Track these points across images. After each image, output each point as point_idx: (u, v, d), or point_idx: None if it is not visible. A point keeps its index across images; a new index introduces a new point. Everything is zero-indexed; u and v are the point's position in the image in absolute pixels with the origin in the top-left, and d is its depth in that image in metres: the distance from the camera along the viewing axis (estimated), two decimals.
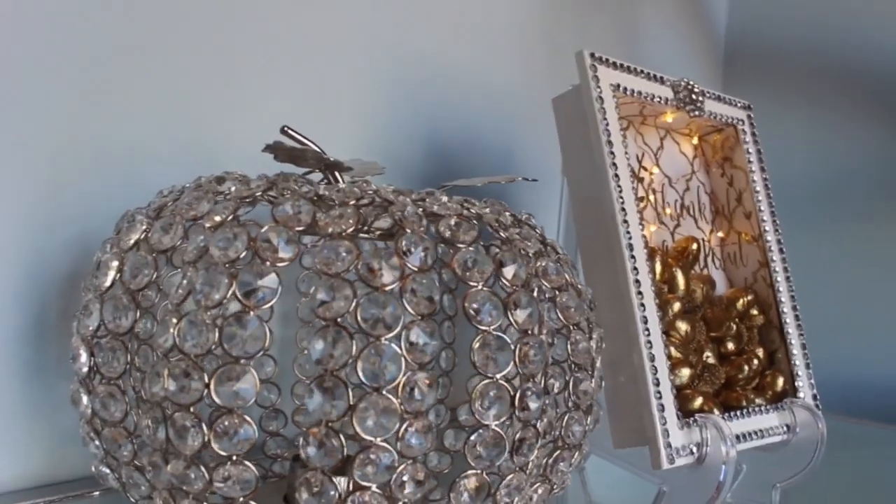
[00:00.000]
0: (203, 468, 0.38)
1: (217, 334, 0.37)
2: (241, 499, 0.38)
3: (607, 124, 0.55)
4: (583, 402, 0.45)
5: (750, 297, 0.63)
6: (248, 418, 0.38)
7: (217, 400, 0.37)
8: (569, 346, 0.45)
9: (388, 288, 0.38)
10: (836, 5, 0.98)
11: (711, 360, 0.60)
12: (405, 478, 0.38)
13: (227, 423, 0.37)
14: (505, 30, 0.81)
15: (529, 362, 0.40)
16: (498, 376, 0.39)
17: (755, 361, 0.62)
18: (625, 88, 0.58)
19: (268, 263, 0.38)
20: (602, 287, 0.55)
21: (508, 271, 0.41)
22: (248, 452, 0.38)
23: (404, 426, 0.37)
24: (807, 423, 0.59)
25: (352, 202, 0.42)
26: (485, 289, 0.40)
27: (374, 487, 0.38)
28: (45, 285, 0.53)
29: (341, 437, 0.37)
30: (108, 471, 0.43)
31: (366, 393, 0.37)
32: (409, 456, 0.38)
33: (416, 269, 0.39)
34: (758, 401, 0.61)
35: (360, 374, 0.37)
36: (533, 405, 0.40)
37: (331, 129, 0.69)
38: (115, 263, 0.42)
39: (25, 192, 0.52)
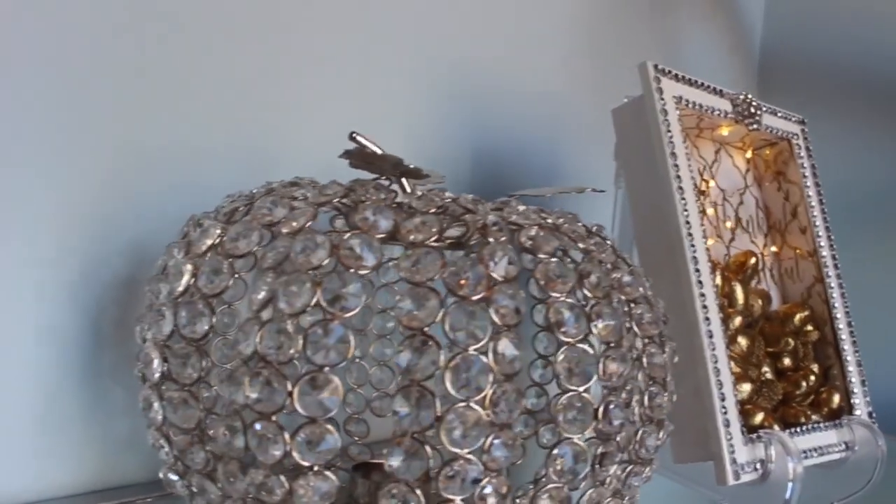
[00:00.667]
0: (283, 478, 0.37)
1: (301, 342, 0.36)
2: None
3: (671, 136, 0.55)
4: (656, 415, 0.44)
5: (806, 313, 0.63)
6: (331, 428, 0.37)
7: (301, 409, 0.36)
8: (644, 360, 0.44)
9: (474, 298, 0.37)
10: (872, 13, 0.98)
11: (769, 376, 0.60)
12: (488, 490, 0.37)
13: (309, 432, 0.36)
14: (551, 40, 0.80)
15: (613, 375, 0.40)
16: (581, 389, 0.39)
17: (811, 377, 0.61)
18: (686, 101, 0.57)
19: (352, 270, 0.37)
20: (664, 300, 0.54)
21: (591, 282, 0.41)
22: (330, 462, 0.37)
23: (490, 438, 0.37)
24: (865, 441, 0.58)
25: (432, 210, 0.41)
26: (568, 300, 0.39)
27: (458, 500, 0.37)
28: (101, 291, 0.52)
29: (427, 448, 0.36)
30: (176, 478, 0.42)
31: (453, 404, 0.36)
32: (493, 469, 0.37)
33: (501, 279, 0.38)
34: (814, 417, 0.60)
35: (448, 384, 0.36)
36: (616, 419, 0.40)
37: (381, 135, 0.68)
38: (190, 268, 0.41)
39: (81, 198, 0.52)
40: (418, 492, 0.37)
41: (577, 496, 0.40)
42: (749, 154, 0.67)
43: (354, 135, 0.48)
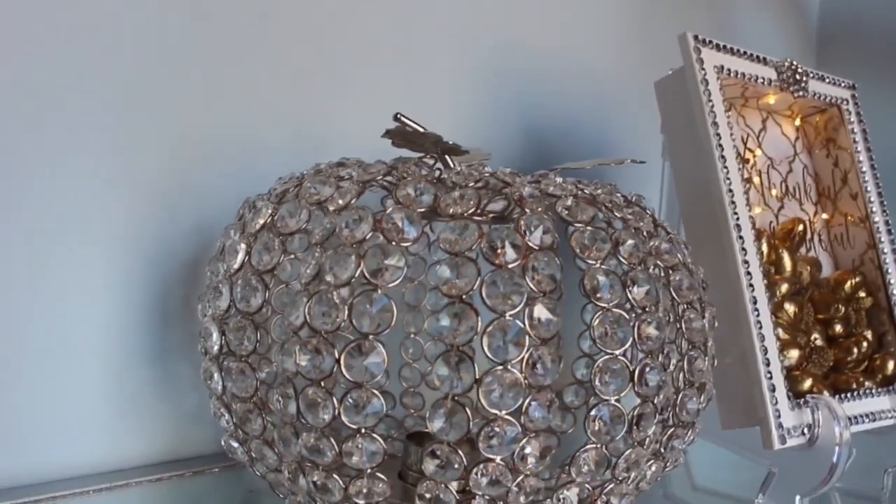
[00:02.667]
0: (333, 440, 0.39)
1: (347, 312, 0.38)
2: (369, 470, 0.40)
3: (712, 106, 0.55)
4: (697, 379, 0.45)
5: (857, 279, 0.62)
6: (376, 392, 0.39)
7: (347, 375, 0.38)
8: (683, 325, 0.45)
9: (510, 266, 0.39)
10: None
11: (819, 343, 0.60)
12: (528, 450, 0.39)
13: (356, 396, 0.39)
14: (601, 14, 0.81)
15: (648, 338, 0.41)
16: (618, 352, 0.40)
17: (864, 344, 0.61)
18: (728, 70, 0.57)
19: (393, 243, 0.39)
20: (709, 268, 0.55)
21: (626, 249, 0.42)
22: (377, 425, 0.39)
23: (528, 400, 0.38)
24: None
25: (471, 184, 0.43)
26: (603, 266, 0.41)
27: (497, 459, 0.39)
28: (168, 273, 0.56)
29: (467, 410, 0.38)
30: (237, 445, 0.45)
31: (491, 367, 0.38)
32: (532, 429, 0.39)
33: (536, 248, 0.39)
34: (867, 384, 0.60)
35: (486, 349, 0.38)
36: (652, 381, 0.41)
37: (429, 117, 0.70)
38: (243, 246, 0.44)
39: (148, 184, 0.55)
40: (461, 452, 0.39)
41: (619, 456, 0.41)
42: (798, 122, 0.67)
43: (399, 115, 0.50)
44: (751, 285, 0.52)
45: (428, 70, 0.69)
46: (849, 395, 0.57)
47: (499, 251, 0.39)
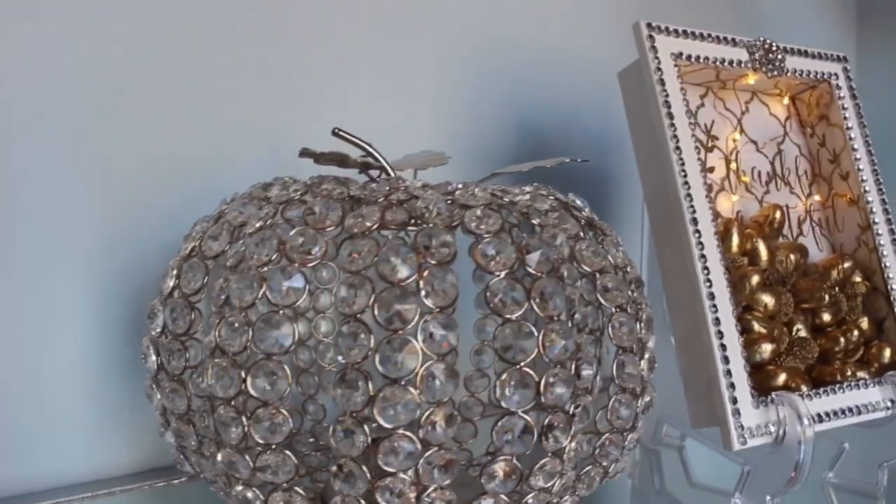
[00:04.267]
0: (248, 456, 0.41)
1: (251, 334, 0.40)
2: (285, 484, 0.41)
3: (667, 95, 0.53)
4: (628, 384, 0.45)
5: (848, 264, 0.59)
6: (283, 410, 0.40)
7: (253, 393, 0.40)
8: (611, 329, 0.44)
9: (404, 282, 0.39)
10: None
11: (803, 334, 0.57)
12: (430, 464, 0.39)
13: (262, 414, 0.40)
14: (596, 5, 0.79)
15: (554, 349, 0.40)
16: (522, 364, 0.40)
17: (855, 333, 0.58)
18: (689, 56, 0.55)
19: (296, 265, 0.40)
20: (672, 264, 0.54)
21: (532, 258, 0.41)
22: (288, 440, 0.41)
23: (426, 414, 0.39)
24: None
25: (380, 199, 0.43)
26: (507, 278, 0.40)
27: (401, 474, 0.39)
28: (145, 286, 0.58)
29: (365, 427, 0.39)
30: (183, 458, 0.47)
31: (385, 384, 0.38)
32: (433, 443, 0.39)
33: (433, 263, 0.40)
34: (861, 374, 0.57)
35: (378, 366, 0.38)
36: (560, 391, 0.40)
37: (418, 116, 0.70)
38: (175, 271, 0.46)
39: (124, 197, 0.57)
40: (364, 468, 0.40)
41: (533, 467, 0.41)
42: (786, 101, 0.64)
43: (337, 130, 0.51)
44: (708, 280, 0.51)
45: (410, 72, 0.69)
46: (834, 388, 0.54)
47: (393, 268, 0.39)
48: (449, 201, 0.43)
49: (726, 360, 0.50)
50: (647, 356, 0.46)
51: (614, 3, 0.80)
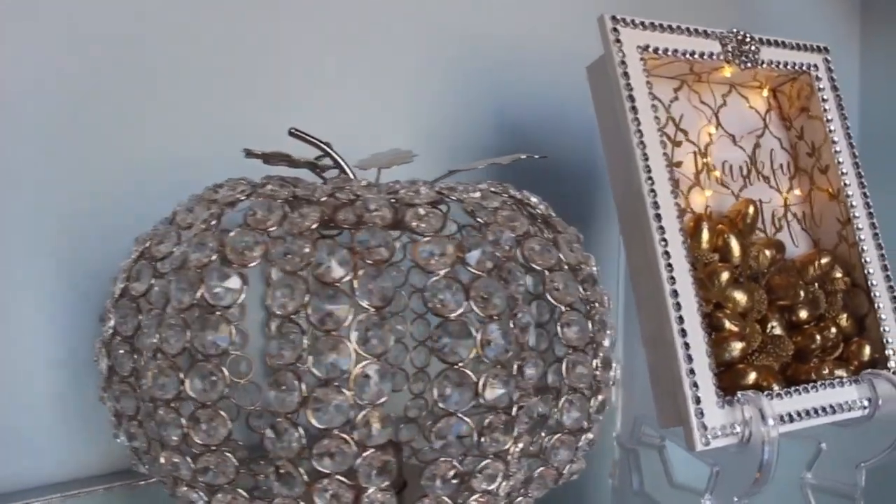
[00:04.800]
0: (189, 458, 0.41)
1: (189, 335, 0.40)
2: (227, 485, 0.41)
3: (632, 90, 0.52)
4: (578, 384, 0.44)
5: (826, 260, 0.58)
6: (222, 412, 0.40)
7: (192, 395, 0.40)
8: (560, 329, 0.43)
9: (338, 283, 0.39)
10: None
11: (778, 331, 0.56)
12: (366, 465, 0.39)
13: (202, 416, 0.40)
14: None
15: (493, 349, 0.40)
16: (460, 364, 0.39)
17: (833, 330, 0.56)
18: (656, 49, 0.54)
19: (234, 266, 0.40)
20: (638, 261, 0.53)
21: (472, 257, 0.41)
22: (227, 442, 0.40)
23: (361, 415, 0.38)
24: (890, 397, 0.53)
25: (323, 199, 0.43)
26: (444, 277, 0.40)
27: (337, 476, 0.39)
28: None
29: (300, 428, 0.39)
30: (137, 459, 0.47)
31: (318, 385, 0.38)
32: (368, 444, 0.39)
33: (369, 263, 0.39)
34: (839, 372, 0.55)
35: (312, 367, 0.38)
36: (499, 391, 0.40)
37: (401, 115, 0.70)
38: (125, 273, 0.46)
39: (101, 200, 0.57)
40: (301, 469, 0.39)
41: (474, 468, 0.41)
42: (766, 93, 0.62)
43: (293, 130, 0.50)
44: (672, 278, 0.50)
45: (390, 70, 0.69)
46: (809, 386, 0.53)
47: (327, 268, 0.39)
48: (393, 200, 0.43)
49: (689, 359, 0.49)
50: (601, 356, 0.45)
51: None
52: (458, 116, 0.71)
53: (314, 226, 0.41)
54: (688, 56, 0.55)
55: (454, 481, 0.40)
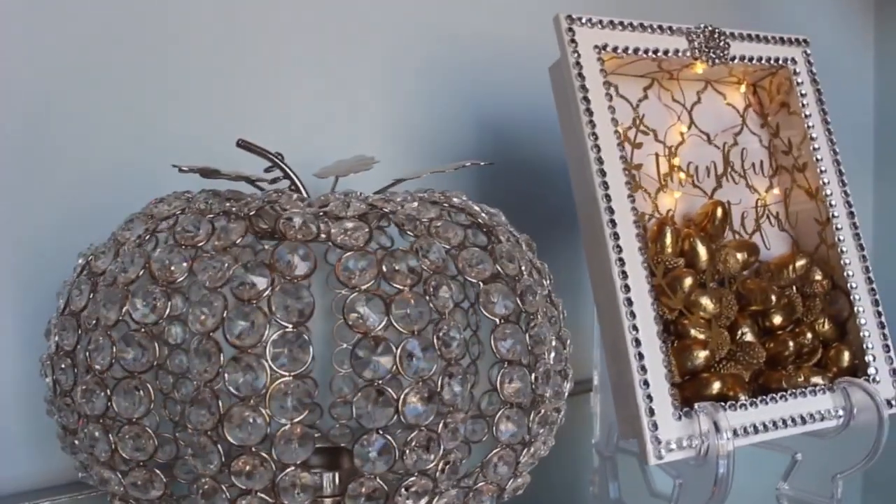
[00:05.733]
0: (119, 473, 0.41)
1: (113, 351, 0.40)
2: (157, 500, 0.41)
3: (586, 91, 0.51)
4: (515, 398, 0.43)
5: (801, 262, 0.55)
6: (148, 428, 0.40)
7: (117, 410, 0.40)
8: (494, 342, 0.43)
9: (254, 301, 0.38)
10: None
11: (749, 338, 0.54)
12: (287, 482, 0.39)
13: (126, 431, 0.40)
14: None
15: (414, 365, 0.39)
16: (380, 381, 0.39)
17: (808, 336, 0.54)
18: (615, 48, 0.53)
19: (159, 283, 0.40)
20: (596, 269, 0.51)
21: (395, 269, 0.40)
22: (152, 457, 0.41)
23: (280, 432, 0.38)
24: (865, 407, 0.51)
25: (252, 214, 0.43)
26: (363, 293, 0.39)
27: (258, 493, 0.39)
28: None
29: (219, 446, 0.39)
30: (84, 471, 0.48)
31: (233, 404, 0.38)
32: (287, 462, 0.38)
33: (287, 279, 0.39)
34: (816, 380, 0.53)
35: (228, 385, 0.38)
36: (420, 408, 0.39)
37: (374, 117, 0.69)
38: (67, 288, 0.46)
39: (68, 208, 0.58)
40: (223, 486, 0.39)
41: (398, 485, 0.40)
42: (743, 88, 0.60)
43: (241, 141, 0.50)
44: (626, 286, 0.48)
45: (361, 71, 0.68)
46: (779, 395, 0.51)
47: (243, 283, 0.39)
48: (321, 214, 0.42)
49: (643, 370, 0.47)
50: (541, 368, 0.44)
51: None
52: (436, 118, 0.70)
53: (238, 240, 0.41)
54: (651, 54, 0.54)
55: (377, 499, 0.40)
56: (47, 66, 0.57)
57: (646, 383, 0.47)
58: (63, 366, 0.45)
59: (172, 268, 0.41)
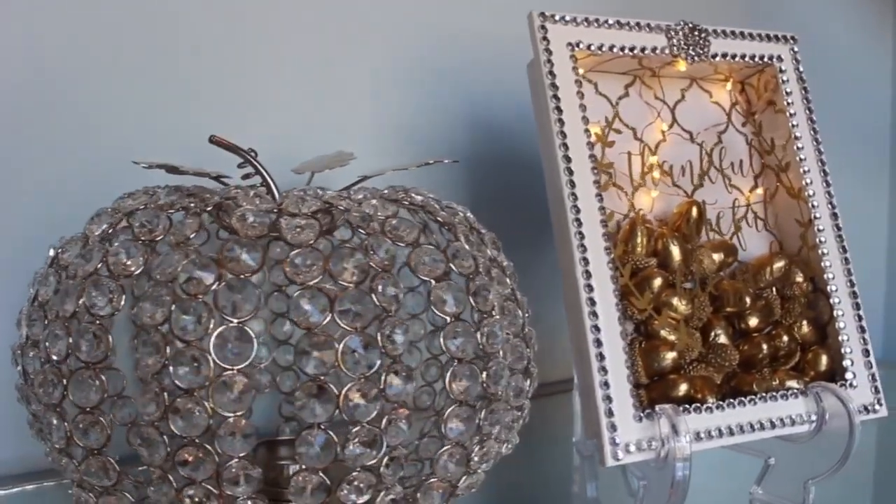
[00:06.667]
0: (74, 461, 0.43)
1: (68, 342, 0.41)
2: (111, 488, 0.42)
3: (556, 89, 0.51)
4: (464, 397, 0.43)
5: (779, 263, 0.54)
6: (102, 419, 0.41)
7: (74, 401, 0.41)
8: (442, 340, 0.43)
9: (200, 295, 0.39)
10: None
11: (722, 339, 0.53)
12: (233, 473, 0.39)
13: (81, 421, 0.41)
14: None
15: (354, 360, 0.39)
16: (322, 377, 0.39)
17: (784, 338, 0.53)
18: (589, 45, 0.52)
19: (120, 277, 0.41)
20: (564, 268, 0.51)
21: (340, 270, 0.40)
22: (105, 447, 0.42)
23: (222, 427, 0.39)
24: (837, 412, 0.50)
25: (209, 209, 0.44)
26: (306, 289, 0.40)
27: (202, 482, 0.40)
28: None
29: (164, 437, 0.40)
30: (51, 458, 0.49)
31: (178, 396, 0.39)
32: (230, 454, 0.39)
33: (233, 275, 0.39)
34: (791, 384, 0.52)
35: (174, 378, 0.39)
36: (360, 403, 0.39)
37: (367, 113, 0.70)
38: (37, 280, 0.47)
39: (54, 204, 0.59)
40: (171, 476, 0.40)
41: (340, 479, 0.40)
42: (730, 86, 0.59)
43: (214, 138, 0.51)
44: (588, 285, 0.48)
45: (364, 68, 0.69)
46: (749, 399, 0.50)
47: (189, 279, 0.39)
48: (275, 211, 0.43)
49: (604, 370, 0.47)
50: (492, 368, 0.44)
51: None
52: (425, 114, 0.70)
53: (192, 235, 0.42)
54: (628, 52, 0.53)
55: (319, 493, 0.40)
56: (33, 62, 0.59)
57: (606, 384, 0.47)
58: (31, 354, 0.46)
59: (128, 261, 0.42)
